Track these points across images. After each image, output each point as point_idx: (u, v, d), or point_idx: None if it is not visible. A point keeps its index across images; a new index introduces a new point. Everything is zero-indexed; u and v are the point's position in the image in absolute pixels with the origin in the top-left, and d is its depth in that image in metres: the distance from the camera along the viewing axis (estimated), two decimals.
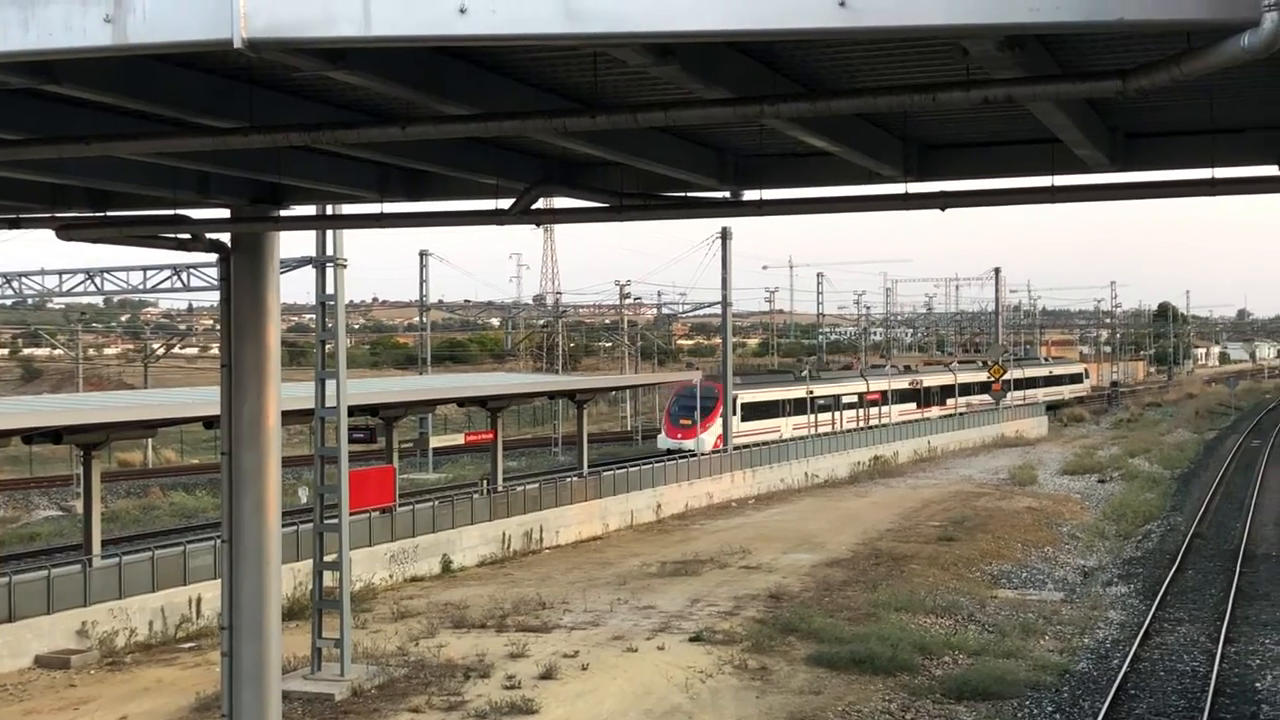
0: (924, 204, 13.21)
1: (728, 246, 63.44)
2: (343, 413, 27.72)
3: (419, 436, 63.57)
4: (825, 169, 13.61)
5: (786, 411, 68.90)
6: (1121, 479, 62.82)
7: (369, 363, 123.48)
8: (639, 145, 12.47)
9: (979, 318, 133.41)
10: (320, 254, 27.49)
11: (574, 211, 15.25)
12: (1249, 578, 38.12)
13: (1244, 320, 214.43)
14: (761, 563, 39.98)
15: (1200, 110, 11.53)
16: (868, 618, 32.02)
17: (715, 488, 54.76)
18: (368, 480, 35.93)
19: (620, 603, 34.06)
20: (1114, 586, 38.03)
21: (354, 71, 9.07)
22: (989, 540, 44.42)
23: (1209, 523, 49.08)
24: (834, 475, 63.38)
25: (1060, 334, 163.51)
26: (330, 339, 27.74)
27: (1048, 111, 10.31)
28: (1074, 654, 29.83)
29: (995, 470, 65.95)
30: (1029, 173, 13.22)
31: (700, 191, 14.41)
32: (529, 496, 44.03)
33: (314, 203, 18.43)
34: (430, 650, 28.83)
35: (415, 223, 15.78)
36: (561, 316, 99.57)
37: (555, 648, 29.01)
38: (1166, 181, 12.86)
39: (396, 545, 37.35)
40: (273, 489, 17.40)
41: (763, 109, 9.24)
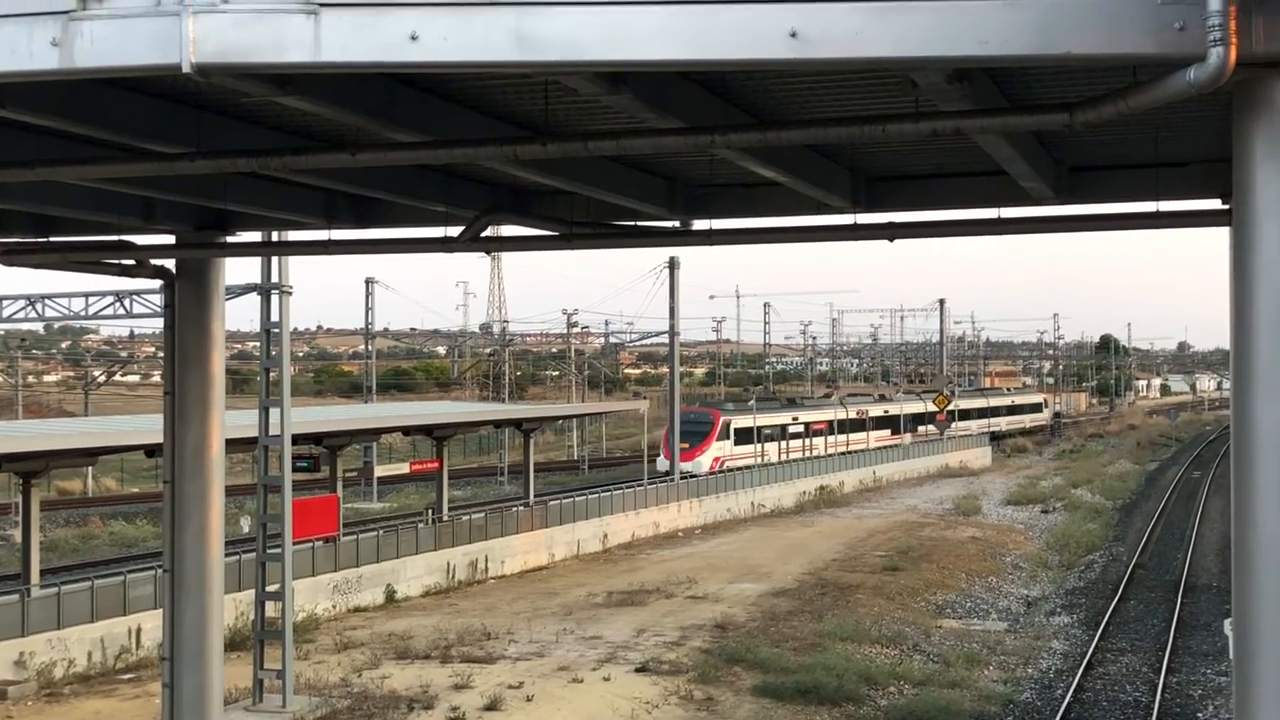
0: (872, 234, 13.29)
1: (675, 276, 63.57)
2: (286, 441, 27.48)
3: (363, 465, 63.07)
4: (774, 199, 13.67)
5: (775, 437, 72.15)
6: (1064, 509, 63.24)
7: (313, 391, 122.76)
8: (589, 174, 12.47)
9: (924, 348, 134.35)
10: (265, 281, 27.29)
11: (523, 240, 15.22)
12: (1190, 608, 38.44)
13: (1185, 353, 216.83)
14: (708, 592, 39.93)
15: (1145, 144, 11.67)
16: (813, 648, 32.03)
17: (662, 517, 54.70)
18: (311, 509, 35.63)
19: (566, 633, 33.90)
20: (1057, 616, 38.25)
21: (304, 97, 9.02)
22: (934, 570, 44.59)
23: (1151, 553, 49.51)
24: (780, 505, 63.46)
25: (1004, 365, 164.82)
26: (274, 366, 27.52)
27: (995, 144, 10.40)
28: (1018, 684, 29.95)
29: (940, 500, 66.25)
30: (976, 204, 13.32)
31: (650, 220, 14.43)
32: (474, 526, 43.79)
33: (260, 229, 18.29)
34: (373, 681, 28.56)
35: (363, 250, 15.71)
36: (508, 345, 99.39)
37: (500, 679, 28.83)
38: (1111, 214, 13.00)
39: (340, 575, 37.03)
40: (215, 518, 17.23)
41: (714, 139, 9.27)
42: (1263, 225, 7.38)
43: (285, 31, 7.16)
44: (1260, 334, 7.57)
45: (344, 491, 40.57)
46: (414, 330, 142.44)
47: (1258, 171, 7.40)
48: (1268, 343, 7.53)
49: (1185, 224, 12.64)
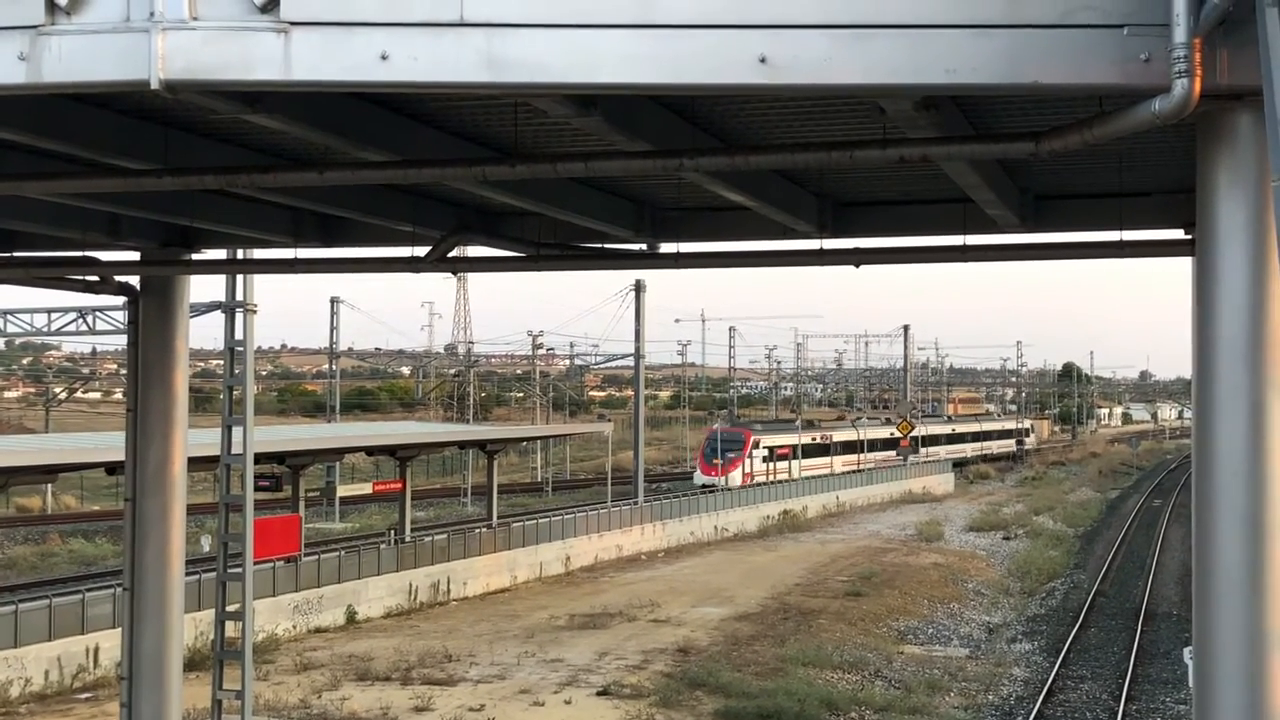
0: (839, 260, 13.34)
1: (641, 299, 63.66)
2: (248, 460, 27.25)
3: (326, 485, 62.80)
4: (741, 223, 13.71)
5: (796, 455, 79.00)
6: (1026, 536, 63.50)
7: (276, 410, 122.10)
8: (557, 195, 12.49)
9: (888, 374, 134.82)
10: (230, 299, 27.10)
11: (490, 260, 15.22)
12: (1150, 636, 38.63)
13: (1146, 381, 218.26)
14: (670, 616, 39.88)
15: (1109, 174, 11.76)
16: (775, 672, 32.01)
17: (625, 540, 54.61)
18: (272, 529, 35.44)
19: (528, 656, 33.79)
20: (1018, 643, 38.36)
21: (272, 115, 9.00)
22: (896, 596, 44.68)
23: (1111, 581, 49.74)
24: (743, 529, 63.48)
25: (967, 392, 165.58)
26: (238, 385, 27.33)
27: (961, 171, 10.46)
28: (979, 711, 30.01)
29: (903, 526, 66.42)
30: (942, 231, 13.39)
31: (617, 243, 14.45)
32: (437, 547, 43.63)
33: (226, 247, 18.22)
34: (333, 703, 28.39)
35: (330, 269, 15.67)
36: (473, 366, 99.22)
37: (461, 701, 28.70)
38: (1076, 243, 13.10)
39: (301, 595, 36.82)
40: (176, 536, 17.11)
41: (682, 162, 9.29)
42: (1225, 255, 7.45)
43: (255, 49, 7.15)
44: (1222, 362, 7.64)
45: (306, 511, 40.35)
46: (379, 350, 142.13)
47: (1220, 202, 7.47)
48: (1229, 371, 7.59)
49: (1149, 253, 12.76)
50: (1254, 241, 7.32)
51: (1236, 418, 7.62)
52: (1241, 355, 7.49)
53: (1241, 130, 7.32)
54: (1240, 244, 7.38)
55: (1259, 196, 7.28)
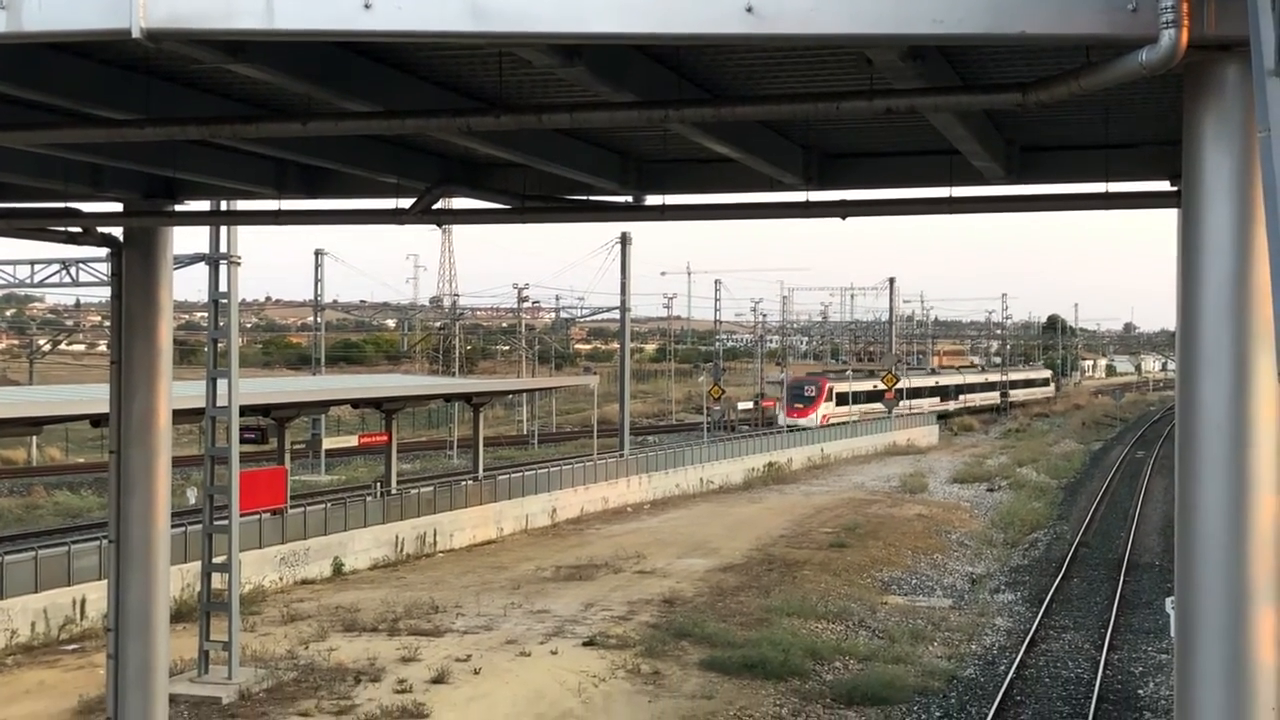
0: (825, 212, 13.32)
1: (627, 252, 63.55)
2: (234, 412, 27.31)
3: (311, 438, 62.76)
4: (727, 175, 13.66)
5: (863, 400, 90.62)
6: (1010, 488, 63.82)
7: (261, 362, 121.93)
8: (542, 147, 12.43)
9: (873, 327, 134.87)
10: (214, 250, 27.07)
11: (475, 212, 15.17)
12: (1132, 586, 38.92)
13: (1130, 334, 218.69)
14: (656, 568, 40.05)
15: (1096, 125, 11.74)
16: (760, 623, 32.20)
17: (611, 492, 54.77)
18: (258, 481, 35.47)
19: (514, 607, 33.92)
20: (1001, 594, 38.62)
21: (255, 65, 8.93)
22: (880, 547, 44.91)
23: (1094, 532, 50.05)
24: (729, 481, 63.69)
25: (952, 344, 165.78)
26: (222, 337, 27.33)
27: (948, 123, 10.43)
28: (962, 660, 30.24)
29: (887, 478, 66.69)
30: (928, 183, 13.36)
31: (603, 195, 14.40)
32: (423, 499, 43.70)
33: (209, 198, 18.14)
34: (320, 654, 28.50)
35: (314, 220, 15.60)
36: (458, 319, 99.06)
37: (448, 652, 28.82)
38: (1062, 195, 13.09)
39: (287, 547, 36.89)
40: (162, 488, 17.10)
41: (668, 114, 9.25)
42: (1211, 207, 7.45)
43: None
44: (1206, 314, 7.65)
45: (292, 464, 40.38)
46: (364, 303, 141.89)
47: (1207, 154, 7.46)
48: (1214, 323, 7.61)
49: (1134, 205, 12.75)
50: (1240, 193, 7.32)
51: (1220, 370, 7.64)
52: (1226, 307, 7.51)
53: (1229, 81, 7.30)
54: (1226, 196, 7.37)
55: (1245, 148, 7.27)
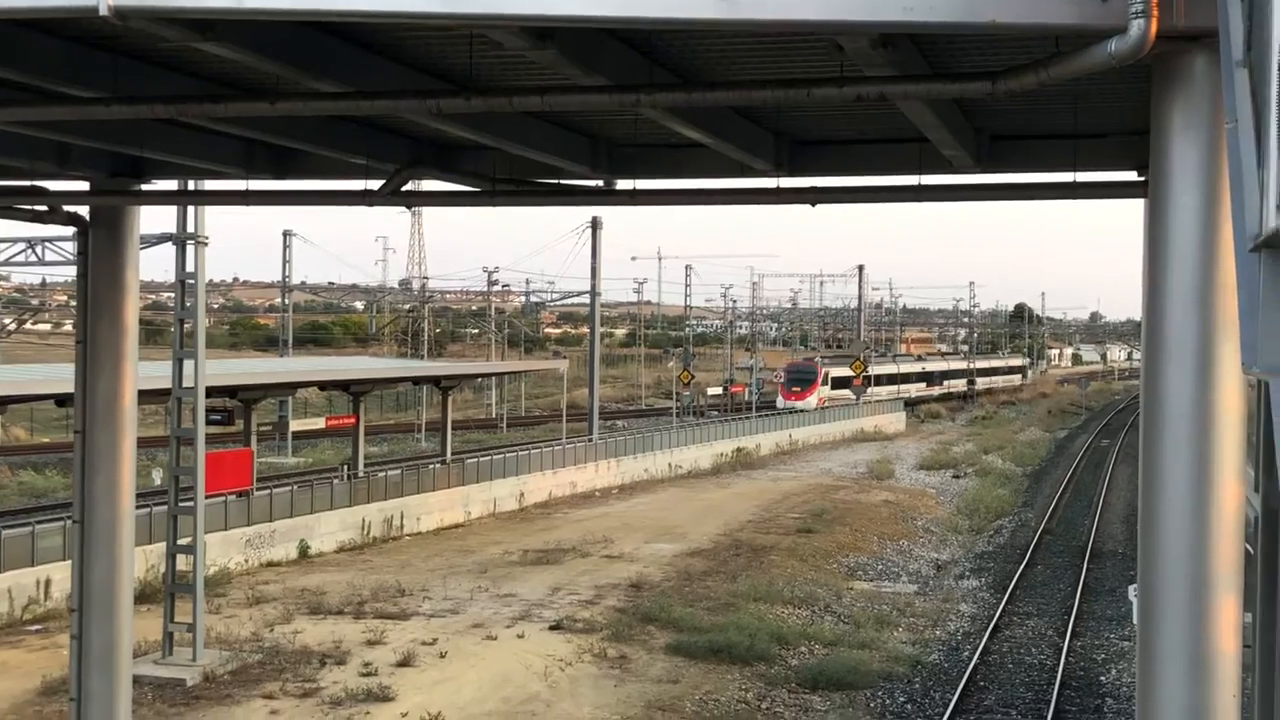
0: (795, 198, 13.33)
1: (598, 236, 63.49)
2: (200, 393, 27.20)
3: (278, 420, 62.64)
4: (698, 161, 13.66)
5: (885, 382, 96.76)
6: (975, 475, 64.13)
7: (228, 343, 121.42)
8: (513, 130, 12.39)
9: (842, 314, 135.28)
10: (181, 230, 26.93)
11: (445, 195, 15.11)
12: (1096, 573, 39.18)
13: (1096, 323, 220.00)
14: (623, 552, 40.11)
15: (1064, 115, 11.78)
16: (727, 608, 32.29)
17: (579, 477, 54.79)
18: (224, 463, 35.34)
19: (481, 590, 33.92)
20: (966, 580, 38.83)
21: (224, 43, 8.87)
22: (846, 533, 45.08)
23: (1059, 519, 50.37)
24: (697, 466, 63.80)
25: (920, 332, 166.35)
26: (189, 318, 27.20)
27: (918, 111, 10.45)
28: (926, 646, 30.40)
29: (854, 464, 66.93)
30: (897, 171, 13.40)
31: (574, 179, 14.37)
32: (391, 483, 43.63)
33: (177, 178, 18.02)
34: (286, 636, 28.44)
35: (282, 201, 15.50)
36: (428, 302, 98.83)
37: (414, 635, 28.80)
38: (1030, 184, 13.14)
39: (253, 529, 36.77)
40: (127, 469, 17.01)
41: (640, 98, 9.24)
42: (1178, 197, 7.49)
43: None
44: (1172, 304, 7.70)
45: (258, 446, 40.24)
46: (332, 284, 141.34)
47: (1175, 144, 7.50)
48: (1179, 313, 7.66)
49: (1102, 195, 12.81)
50: (1207, 184, 7.36)
51: (1185, 359, 7.69)
52: (1192, 297, 7.56)
53: (1197, 72, 7.34)
54: (1193, 186, 7.42)
55: (1213, 139, 7.31)
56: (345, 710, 23.62)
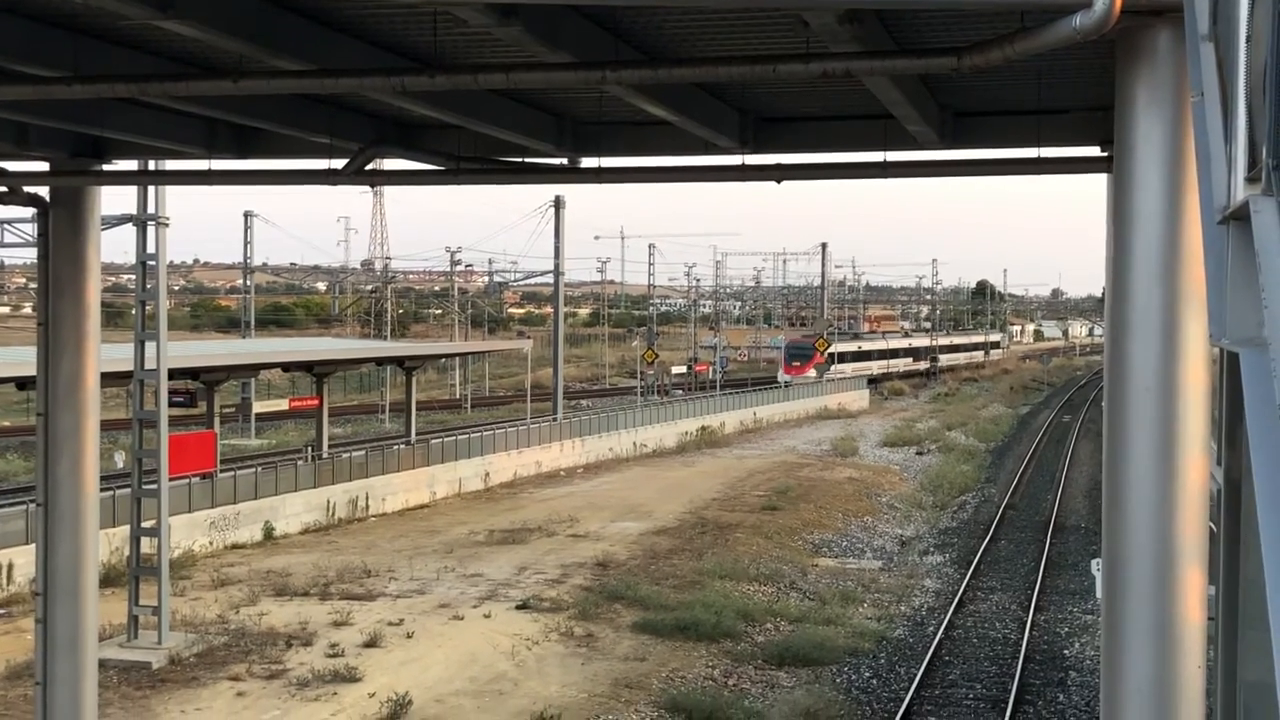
0: (761, 175, 13.34)
1: (561, 215, 63.33)
2: (162, 375, 27.04)
3: (241, 401, 62.32)
4: (663, 138, 13.64)
5: (851, 359, 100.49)
6: (939, 451, 64.45)
7: (189, 325, 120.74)
8: (477, 108, 12.35)
9: (805, 292, 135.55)
10: (142, 211, 26.72)
11: (410, 173, 15.05)
12: (1059, 548, 39.47)
13: (1058, 299, 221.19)
14: (589, 531, 40.14)
15: (1028, 91, 11.83)
16: (693, 585, 32.39)
17: (544, 456, 54.78)
18: (187, 445, 35.16)
19: (447, 571, 33.90)
20: (930, 556, 39.04)
21: (185, 21, 8.80)
22: (811, 510, 45.25)
23: (1022, 494, 50.70)
24: (662, 445, 63.89)
25: (883, 309, 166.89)
26: (150, 299, 27.01)
27: (883, 87, 10.47)
28: (891, 621, 30.57)
29: (818, 441, 67.14)
30: (863, 148, 13.42)
31: (538, 157, 14.34)
32: (355, 464, 43.51)
33: (138, 158, 17.87)
34: (251, 618, 28.36)
35: (245, 180, 15.41)
36: (390, 282, 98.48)
37: (380, 616, 28.77)
38: (994, 159, 13.18)
39: (217, 511, 36.61)
40: (90, 451, 16.90)
41: (605, 75, 9.22)
42: (1143, 172, 7.54)
43: None
44: (1137, 278, 7.76)
45: (221, 428, 40.05)
46: (294, 265, 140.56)
47: (1139, 118, 7.55)
48: (1144, 286, 7.72)
49: (1066, 170, 12.87)
50: (1171, 158, 7.41)
51: (1150, 332, 7.76)
52: (1156, 270, 7.62)
53: (1161, 47, 7.38)
54: (1157, 160, 7.47)
55: (1176, 113, 7.36)
56: (312, 691, 23.58)
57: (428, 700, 23.34)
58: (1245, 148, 3.97)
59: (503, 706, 23.24)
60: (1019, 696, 24.56)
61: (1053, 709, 24.24)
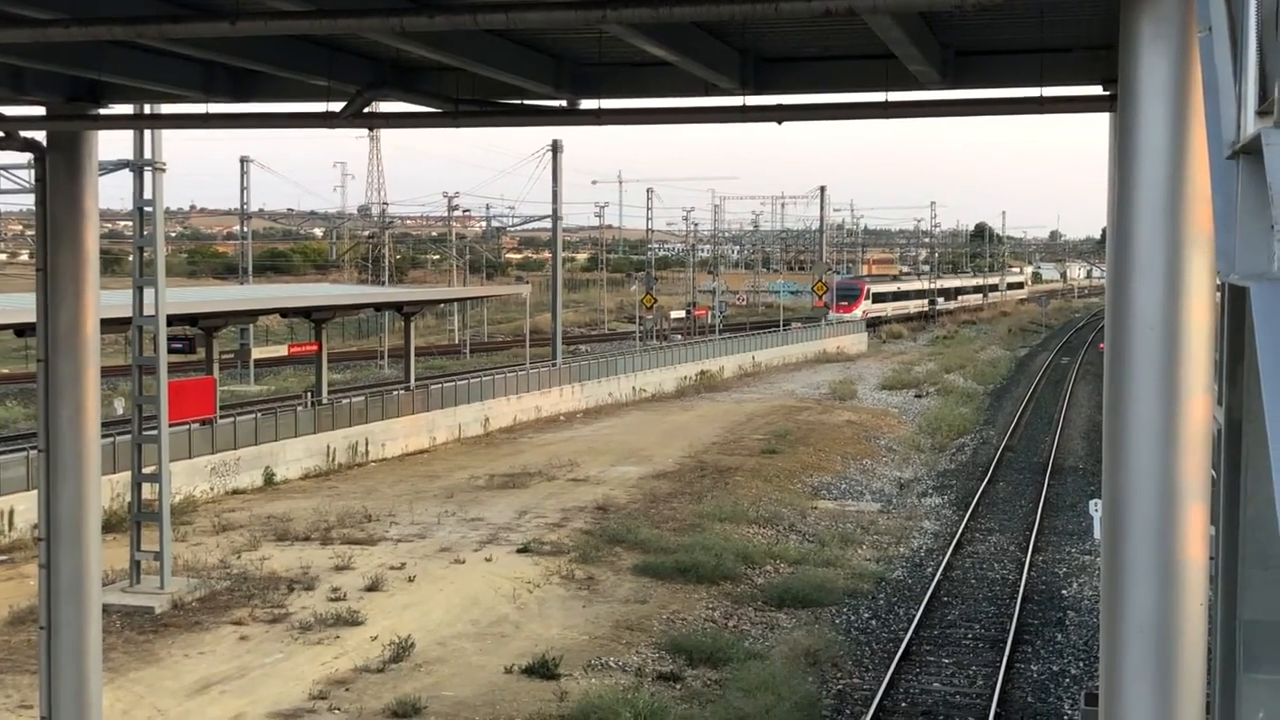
0: (761, 116, 13.24)
1: (559, 160, 63.03)
2: (161, 322, 27.03)
3: (240, 347, 62.29)
4: (663, 79, 13.54)
5: (892, 298, 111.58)
6: (937, 394, 64.56)
7: (186, 272, 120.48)
8: (476, 49, 12.25)
9: (803, 236, 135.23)
10: (138, 157, 26.61)
11: (408, 116, 14.95)
12: (1056, 489, 39.62)
13: (1056, 241, 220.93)
14: (589, 475, 40.27)
15: (1030, 29, 11.74)
16: (693, 528, 32.53)
17: (544, 401, 54.86)
18: (187, 391, 35.19)
19: (448, 515, 34.02)
20: (929, 498, 39.20)
21: None
22: (810, 453, 45.38)
23: (1020, 436, 50.82)
24: (661, 389, 63.97)
25: (881, 253, 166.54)
26: (148, 245, 26.95)
27: (885, 26, 10.37)
28: (890, 563, 30.73)
29: (817, 385, 67.22)
30: (864, 88, 13.31)
31: (537, 99, 14.24)
32: (355, 409, 43.57)
33: (134, 102, 17.77)
34: (253, 563, 28.49)
35: (242, 124, 15.32)
36: (388, 228, 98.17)
37: (381, 560, 28.90)
38: (996, 99, 13.10)
39: (217, 457, 36.69)
40: (91, 397, 16.89)
41: (605, 13, 9.14)
42: (1147, 109, 7.49)
43: None
44: (1140, 216, 7.73)
45: (220, 374, 40.06)
46: (291, 211, 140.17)
47: (1144, 56, 7.49)
48: (1148, 225, 7.69)
49: (1068, 109, 12.78)
50: (1176, 94, 7.36)
51: (1154, 271, 7.73)
52: (1161, 208, 7.58)
53: None
54: (1162, 97, 7.42)
55: (1182, 49, 7.30)
56: (315, 635, 23.72)
57: (430, 643, 23.49)
58: (1256, 81, 3.94)
59: (504, 648, 23.39)
60: (1017, 636, 24.73)
61: (1051, 648, 24.40)
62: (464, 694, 21.21)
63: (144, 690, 21.30)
